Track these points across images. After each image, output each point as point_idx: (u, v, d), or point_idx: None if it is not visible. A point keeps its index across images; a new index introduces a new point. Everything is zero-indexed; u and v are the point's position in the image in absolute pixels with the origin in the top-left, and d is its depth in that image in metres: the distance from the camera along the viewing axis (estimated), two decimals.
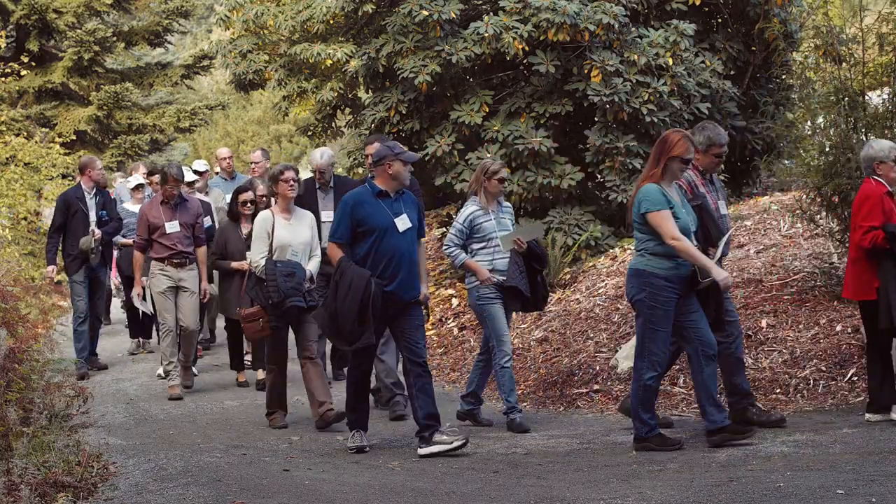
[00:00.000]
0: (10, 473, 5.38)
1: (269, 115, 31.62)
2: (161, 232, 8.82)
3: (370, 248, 6.65)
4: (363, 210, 6.68)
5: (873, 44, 8.41)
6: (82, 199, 10.17)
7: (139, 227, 8.95)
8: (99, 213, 10.13)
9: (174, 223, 8.85)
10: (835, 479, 5.25)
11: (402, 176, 6.81)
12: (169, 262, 8.86)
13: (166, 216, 8.86)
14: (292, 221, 7.69)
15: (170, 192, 8.90)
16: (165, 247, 8.84)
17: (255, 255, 7.57)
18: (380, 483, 5.80)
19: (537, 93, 11.72)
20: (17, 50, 21.13)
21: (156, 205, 8.96)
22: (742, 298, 8.51)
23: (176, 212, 8.89)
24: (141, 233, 8.92)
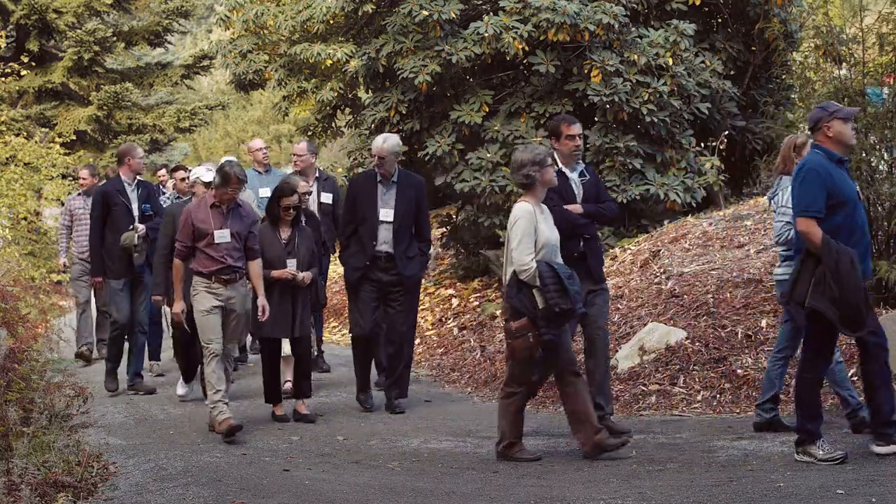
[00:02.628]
0: (10, 473, 5.39)
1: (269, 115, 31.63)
2: (208, 241, 7.32)
3: (842, 221, 5.77)
4: (832, 179, 5.76)
5: (873, 44, 8.41)
6: (123, 191, 9.07)
7: (181, 232, 7.44)
8: (142, 206, 9.13)
9: (224, 232, 7.36)
10: (835, 479, 5.24)
11: (846, 136, 5.89)
12: (216, 278, 7.32)
13: (216, 222, 7.36)
14: (544, 213, 6.48)
15: (229, 195, 7.38)
16: (212, 259, 7.33)
17: (523, 254, 6.13)
18: (380, 483, 5.80)
19: (537, 93, 11.72)
20: (17, 50, 21.14)
21: (204, 207, 7.42)
22: (742, 298, 8.51)
23: (227, 219, 7.40)
24: (183, 238, 7.41)
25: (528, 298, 6.10)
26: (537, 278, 6.08)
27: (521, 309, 6.12)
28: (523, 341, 6.12)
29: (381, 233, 7.93)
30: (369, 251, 7.96)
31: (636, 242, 10.93)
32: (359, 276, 8.00)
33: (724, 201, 12.36)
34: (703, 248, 10.00)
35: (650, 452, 6.30)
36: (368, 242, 7.97)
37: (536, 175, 6.24)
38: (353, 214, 8.12)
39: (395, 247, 7.95)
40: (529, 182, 6.27)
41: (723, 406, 7.36)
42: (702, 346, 7.97)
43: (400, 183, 8.04)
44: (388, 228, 7.94)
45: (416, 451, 6.68)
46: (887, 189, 7.91)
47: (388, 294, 8.04)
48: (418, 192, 8.13)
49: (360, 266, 8.00)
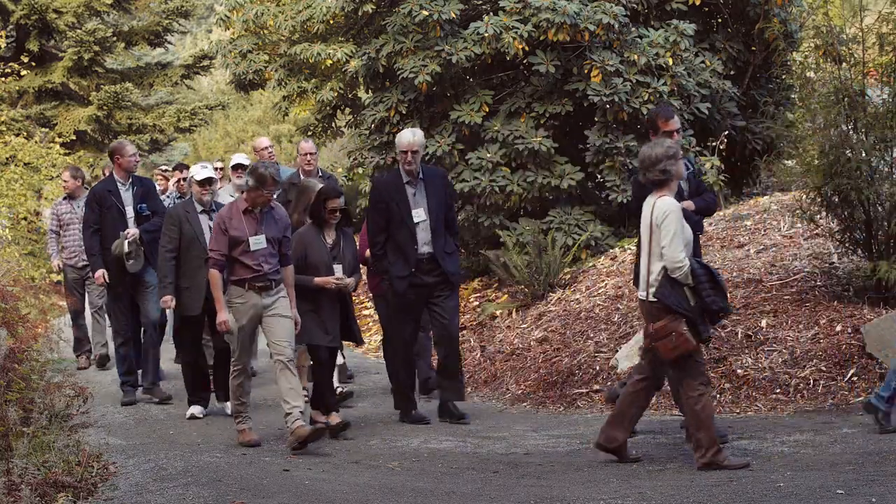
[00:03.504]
0: (10, 473, 5.38)
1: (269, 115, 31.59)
2: (244, 249, 6.89)
3: None
4: None
5: (873, 44, 8.40)
6: (115, 191, 8.52)
7: (215, 240, 6.98)
8: (138, 206, 8.56)
9: (260, 238, 6.92)
10: (835, 479, 5.25)
11: None
12: (251, 287, 6.94)
13: (250, 229, 6.93)
14: None
15: (264, 198, 6.95)
16: (247, 267, 6.91)
17: (677, 251, 5.82)
18: (380, 483, 5.80)
19: (537, 93, 11.72)
20: (17, 50, 21.13)
21: (237, 213, 6.98)
22: (742, 298, 8.51)
23: (262, 223, 6.97)
24: (219, 248, 6.93)
25: (681, 296, 5.85)
26: (689, 276, 5.83)
27: (677, 308, 5.83)
28: (667, 342, 5.86)
29: (420, 234, 7.55)
30: (412, 256, 7.54)
31: (636, 242, 10.92)
32: (406, 283, 7.54)
33: (724, 201, 12.36)
34: (703, 248, 10.00)
35: (650, 452, 6.30)
36: (409, 247, 7.54)
37: (672, 169, 5.99)
38: (384, 221, 7.62)
39: (434, 246, 7.59)
40: (666, 177, 5.99)
41: (723, 406, 7.36)
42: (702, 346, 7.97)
43: (426, 179, 7.67)
44: (426, 228, 7.57)
45: (416, 451, 6.68)
46: (887, 189, 7.90)
47: (432, 296, 7.62)
48: (445, 184, 7.85)
49: (405, 274, 7.54)
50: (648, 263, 6.00)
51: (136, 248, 8.45)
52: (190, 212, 7.99)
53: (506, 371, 9.00)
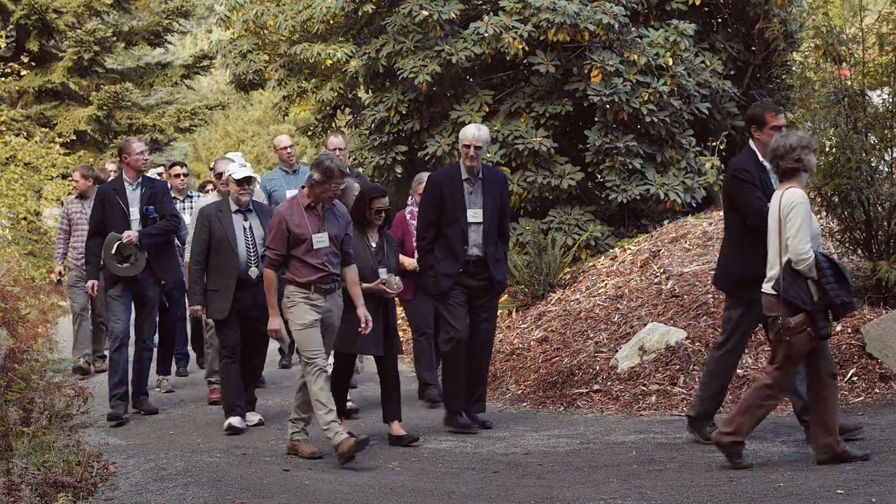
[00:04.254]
0: (10, 473, 5.39)
1: (269, 115, 31.62)
2: (307, 247, 6.48)
3: None
4: None
5: (873, 44, 8.40)
6: (121, 191, 8.06)
7: (273, 239, 6.52)
8: (144, 208, 8.05)
9: (323, 236, 6.49)
10: (835, 479, 5.24)
11: None
12: (315, 288, 6.50)
13: (313, 226, 6.50)
14: None
15: (330, 193, 6.54)
16: (312, 267, 6.48)
17: (803, 243, 5.60)
18: (380, 483, 5.80)
19: (537, 93, 11.73)
20: (17, 50, 21.17)
21: (297, 209, 6.53)
22: None
23: (324, 221, 6.55)
24: (277, 247, 6.50)
25: (804, 290, 5.63)
26: (814, 269, 5.61)
27: (797, 302, 5.61)
28: (804, 336, 5.63)
29: (471, 235, 7.23)
30: (461, 256, 7.22)
31: (636, 242, 10.93)
32: (451, 282, 7.23)
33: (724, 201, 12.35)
34: (703, 248, 9.99)
35: (650, 452, 6.30)
36: (459, 246, 7.21)
37: (806, 159, 5.77)
38: (436, 216, 7.27)
39: (484, 250, 7.27)
40: (797, 167, 5.77)
41: (722, 406, 7.35)
42: (702, 346, 7.97)
43: (485, 179, 7.31)
44: (478, 230, 7.24)
45: (416, 451, 6.68)
46: (887, 189, 7.90)
47: (474, 301, 7.31)
48: (503, 188, 7.48)
49: (452, 273, 7.22)
50: (780, 256, 5.77)
51: (134, 252, 7.92)
52: (223, 211, 7.54)
53: (506, 371, 9.00)
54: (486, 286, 7.32)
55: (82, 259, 9.68)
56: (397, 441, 6.88)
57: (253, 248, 7.49)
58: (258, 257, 7.42)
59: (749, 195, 6.13)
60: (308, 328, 6.45)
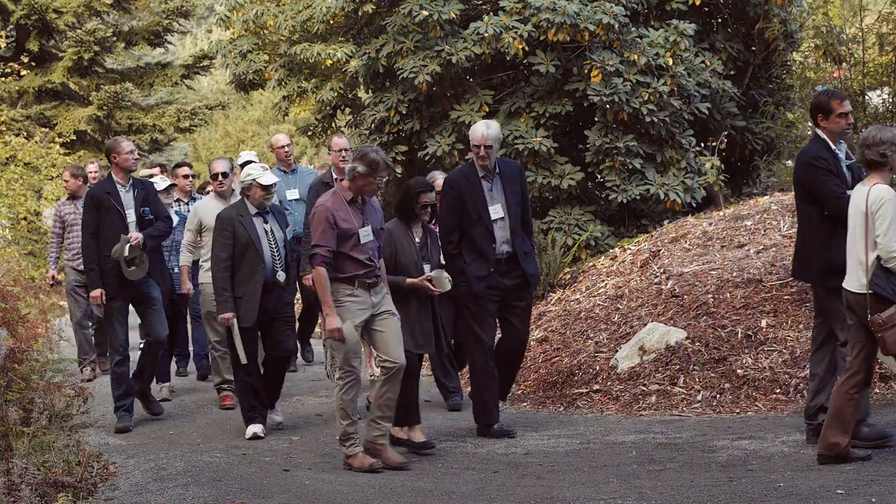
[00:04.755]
0: (10, 473, 5.39)
1: (269, 115, 31.60)
2: (354, 242, 6.26)
3: None
4: None
5: (873, 44, 8.41)
6: (114, 193, 7.70)
7: (322, 235, 6.21)
8: (140, 210, 7.77)
9: (367, 229, 6.32)
10: (835, 479, 5.24)
11: None
12: (360, 283, 6.29)
13: (357, 220, 6.31)
14: None
15: (374, 186, 6.38)
16: (358, 262, 6.26)
17: (893, 240, 5.55)
18: (380, 483, 5.80)
19: (537, 93, 11.73)
20: (17, 50, 21.16)
21: (342, 203, 6.31)
22: (742, 298, 8.51)
23: (366, 214, 6.39)
24: (327, 242, 6.20)
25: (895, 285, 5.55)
26: None
27: (891, 296, 5.52)
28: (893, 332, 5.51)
29: (498, 233, 7.07)
30: (490, 256, 7.04)
31: (636, 242, 10.92)
32: (484, 284, 7.04)
33: (724, 201, 12.36)
34: (703, 248, 9.99)
35: (650, 452, 6.30)
36: (487, 246, 7.04)
37: (892, 155, 5.68)
38: (459, 217, 7.09)
39: (513, 245, 7.11)
40: (882, 161, 5.69)
41: (723, 406, 7.36)
42: (702, 346, 7.98)
43: (502, 173, 7.17)
44: (503, 226, 7.09)
45: (414, 451, 6.68)
46: None
47: (508, 299, 7.15)
48: (521, 179, 7.36)
49: (483, 274, 7.02)
50: (866, 252, 5.68)
51: (140, 254, 7.63)
52: (244, 215, 7.33)
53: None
54: (520, 283, 7.17)
55: (79, 260, 9.39)
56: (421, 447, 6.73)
57: (277, 251, 7.34)
58: (283, 260, 7.34)
59: (828, 182, 6.01)
60: (354, 330, 6.22)
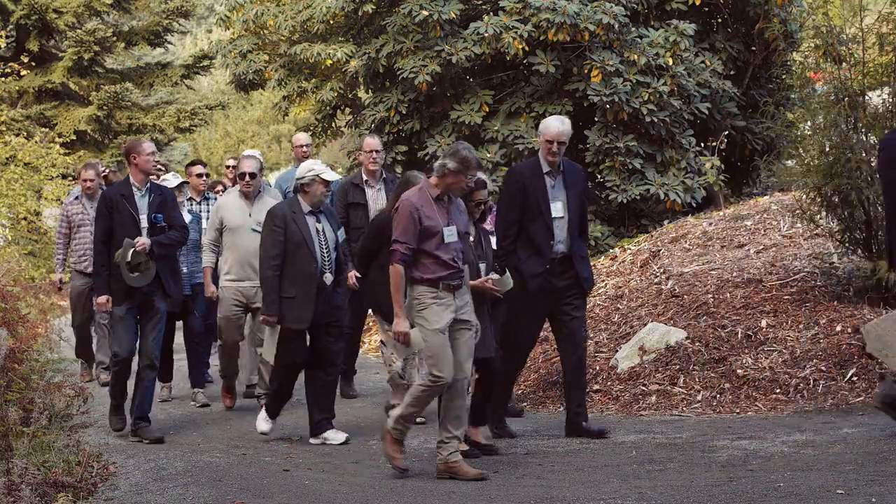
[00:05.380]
0: (10, 473, 5.38)
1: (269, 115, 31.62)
2: (438, 241, 5.93)
3: None
4: None
5: (873, 44, 8.41)
6: (129, 196, 7.33)
7: (404, 231, 5.90)
8: (153, 215, 7.37)
9: (452, 229, 5.99)
10: (835, 479, 5.24)
11: None
12: (444, 286, 5.95)
13: (442, 219, 5.98)
14: None
15: (463, 185, 6.06)
16: (442, 263, 5.93)
17: None
18: (380, 483, 5.80)
19: (537, 93, 11.73)
20: (17, 50, 21.17)
21: (427, 200, 5.98)
22: (742, 298, 8.51)
23: (451, 213, 6.06)
24: (409, 240, 5.88)
25: None
26: None
27: None
28: None
29: (556, 231, 6.84)
30: (547, 254, 6.83)
31: (636, 242, 10.93)
32: (539, 282, 6.83)
33: (724, 201, 12.36)
34: (703, 248, 10.00)
35: (650, 452, 6.30)
36: (545, 243, 6.81)
37: None
38: (519, 211, 6.86)
39: (569, 246, 6.91)
40: None
41: (723, 406, 7.36)
42: (702, 346, 7.97)
43: (566, 173, 6.95)
44: (562, 226, 6.87)
45: (416, 451, 6.68)
46: None
47: (561, 301, 6.93)
48: (584, 183, 7.20)
49: (538, 272, 6.80)
50: None
51: (145, 260, 7.24)
52: (297, 212, 7.01)
53: None
54: (572, 285, 6.95)
55: (85, 262, 9.38)
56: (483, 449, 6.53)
57: (327, 251, 7.06)
58: (332, 262, 7.08)
59: None
60: (441, 334, 5.87)
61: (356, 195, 8.23)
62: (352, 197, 8.24)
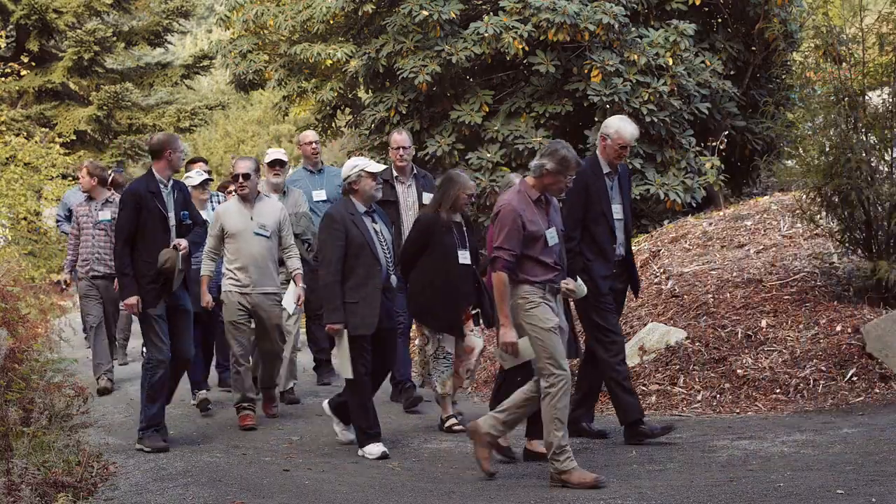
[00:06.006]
0: (10, 473, 5.39)
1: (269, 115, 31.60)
2: (542, 246, 5.73)
3: None
4: None
5: (873, 44, 8.41)
6: (157, 193, 6.90)
7: (508, 237, 5.65)
8: (181, 214, 7.02)
9: (553, 231, 5.82)
10: (835, 479, 5.24)
11: None
12: (550, 288, 5.78)
13: (543, 221, 5.79)
14: None
15: (562, 185, 5.84)
16: (547, 266, 5.76)
17: None
18: (380, 483, 5.80)
19: (537, 93, 11.73)
20: (17, 50, 21.17)
21: (528, 203, 5.77)
22: (742, 298, 8.51)
23: (549, 215, 5.87)
24: (514, 245, 5.64)
25: None
26: None
27: None
28: None
29: (618, 233, 6.71)
30: (611, 256, 6.66)
31: (636, 242, 10.93)
32: (609, 285, 6.65)
33: (724, 201, 12.36)
34: (703, 248, 10.00)
35: (650, 452, 6.30)
36: (609, 245, 6.64)
37: None
38: (584, 213, 6.60)
39: (627, 248, 6.79)
40: None
41: (723, 406, 7.36)
42: (702, 346, 7.97)
43: (620, 175, 6.79)
44: (621, 227, 6.73)
45: (416, 451, 6.68)
46: (887, 189, 7.91)
47: None
48: (630, 183, 7.10)
49: (607, 273, 6.63)
50: None
51: (184, 264, 6.95)
52: (353, 213, 6.68)
53: None
54: (624, 289, 6.88)
55: (88, 266, 9.10)
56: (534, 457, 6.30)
57: (388, 252, 6.77)
58: (392, 263, 6.80)
59: None
60: (553, 332, 5.65)
61: (386, 192, 7.86)
62: (382, 194, 7.71)
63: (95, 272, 9.08)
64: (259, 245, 7.55)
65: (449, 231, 7.07)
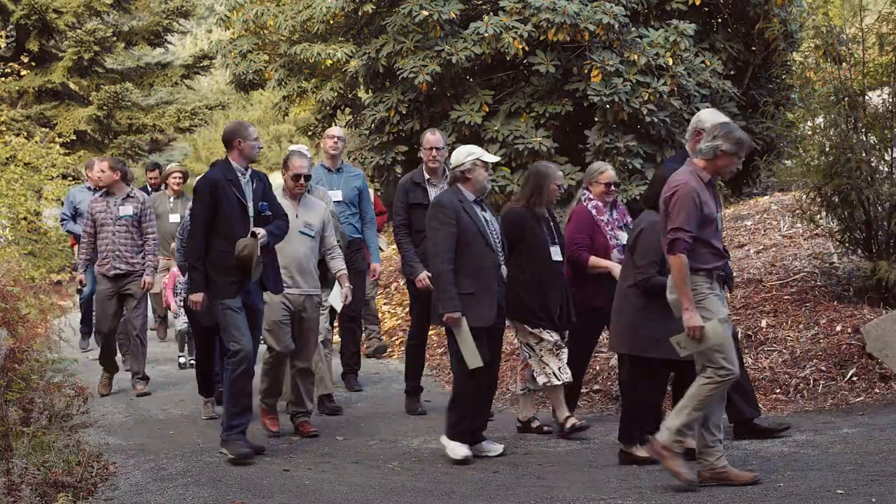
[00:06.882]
0: (10, 473, 5.39)
1: (269, 115, 31.60)
2: (714, 229, 5.58)
3: None
4: None
5: (873, 44, 8.41)
6: (236, 182, 6.58)
7: (687, 218, 5.39)
8: (259, 205, 6.69)
9: (719, 216, 5.67)
10: (835, 479, 5.24)
11: None
12: (717, 277, 5.60)
13: (713, 204, 5.58)
14: None
15: (734, 167, 5.64)
16: (716, 253, 5.57)
17: None
18: (380, 483, 5.80)
19: (537, 93, 11.74)
20: (17, 50, 21.17)
21: (701, 184, 5.50)
22: (742, 298, 8.51)
23: (717, 198, 5.65)
24: (691, 227, 5.38)
25: None
26: None
27: None
28: None
29: None
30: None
31: None
32: None
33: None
34: None
35: None
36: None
37: None
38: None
39: None
40: None
41: None
42: None
43: None
44: None
45: (416, 451, 6.68)
46: (887, 189, 7.91)
47: None
48: None
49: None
50: None
51: (263, 253, 6.60)
52: (463, 201, 6.38)
53: (506, 371, 9.00)
54: None
55: (108, 264, 8.83)
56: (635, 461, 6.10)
57: (499, 242, 6.49)
58: (504, 256, 6.51)
59: None
60: (726, 324, 5.41)
61: (417, 195, 7.57)
62: (413, 197, 7.60)
63: (118, 270, 8.78)
64: (303, 245, 7.13)
65: (540, 226, 6.81)
